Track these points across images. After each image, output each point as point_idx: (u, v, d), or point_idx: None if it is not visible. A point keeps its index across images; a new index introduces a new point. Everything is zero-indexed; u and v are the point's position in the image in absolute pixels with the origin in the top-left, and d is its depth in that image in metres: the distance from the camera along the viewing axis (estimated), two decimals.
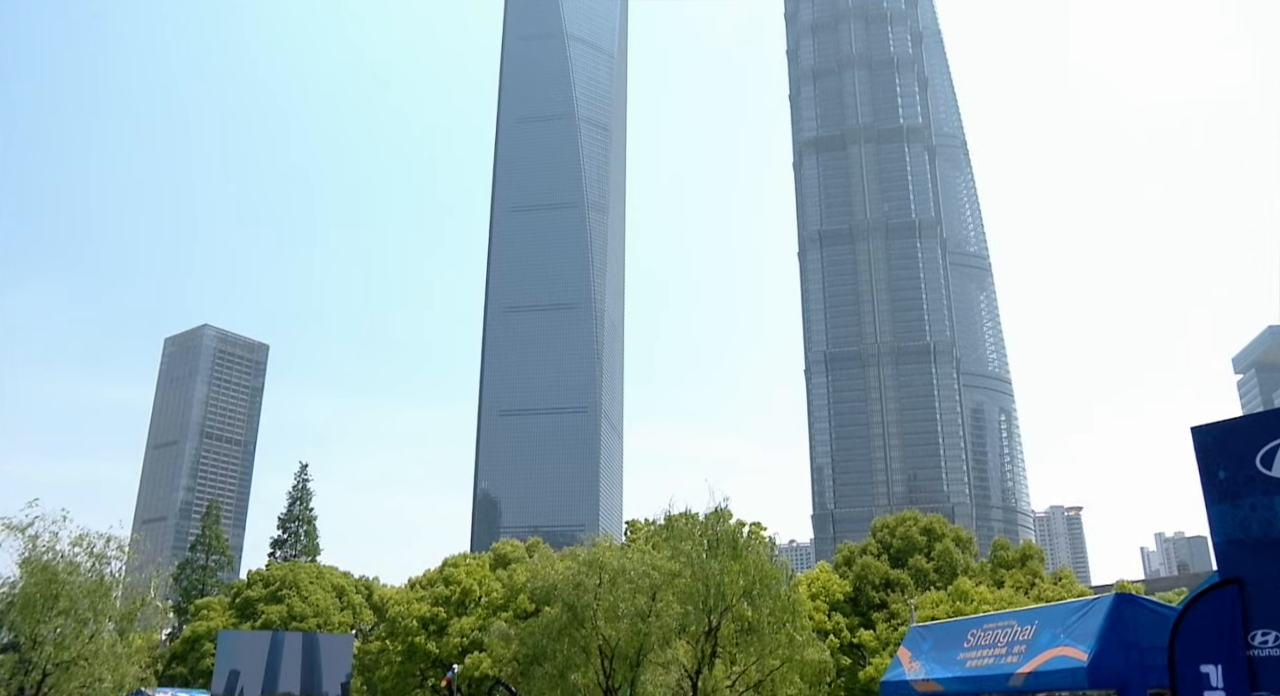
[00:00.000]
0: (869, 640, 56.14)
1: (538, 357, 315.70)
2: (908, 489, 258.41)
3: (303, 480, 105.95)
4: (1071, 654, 11.88)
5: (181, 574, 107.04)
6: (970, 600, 52.00)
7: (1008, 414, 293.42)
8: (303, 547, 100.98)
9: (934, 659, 14.68)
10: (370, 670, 64.70)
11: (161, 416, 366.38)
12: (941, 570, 62.47)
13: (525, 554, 70.32)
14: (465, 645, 60.35)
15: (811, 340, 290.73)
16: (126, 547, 54.23)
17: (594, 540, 46.21)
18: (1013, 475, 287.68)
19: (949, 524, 69.67)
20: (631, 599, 39.61)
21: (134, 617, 53.89)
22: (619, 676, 39.82)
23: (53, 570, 49.12)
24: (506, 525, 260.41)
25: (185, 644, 78.19)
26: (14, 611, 48.91)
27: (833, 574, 64.79)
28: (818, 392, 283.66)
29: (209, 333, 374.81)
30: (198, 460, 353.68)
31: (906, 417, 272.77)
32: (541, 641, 40.93)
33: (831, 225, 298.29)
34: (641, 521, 68.35)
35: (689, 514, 45.30)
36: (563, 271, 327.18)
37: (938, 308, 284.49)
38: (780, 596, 41.70)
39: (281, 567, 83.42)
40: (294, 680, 48.58)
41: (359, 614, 79.51)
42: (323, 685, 49.11)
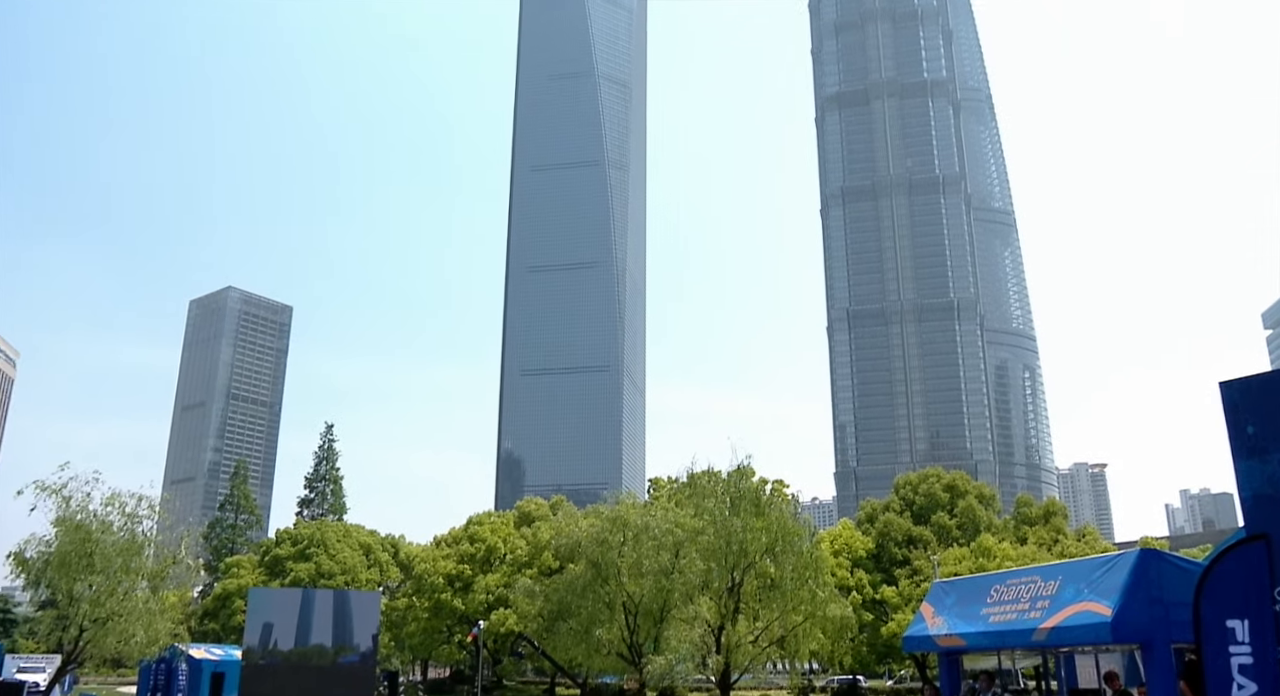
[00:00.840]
0: (891, 596, 56.39)
1: (560, 317, 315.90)
2: (930, 446, 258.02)
3: (329, 440, 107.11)
4: (1095, 609, 11.86)
5: (212, 533, 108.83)
6: (993, 557, 52.07)
7: (1031, 371, 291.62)
8: (329, 507, 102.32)
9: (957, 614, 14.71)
10: (398, 626, 65.70)
11: (188, 378, 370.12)
12: (964, 527, 62.52)
13: (549, 512, 70.92)
14: (491, 601, 61.12)
15: (834, 297, 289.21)
16: (157, 507, 55.16)
17: (617, 498, 46.47)
18: (1036, 432, 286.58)
19: (972, 481, 69.59)
20: (655, 556, 39.91)
21: (166, 575, 54.88)
22: (643, 632, 40.25)
23: (86, 529, 50.06)
24: (530, 483, 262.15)
25: (217, 601, 79.64)
26: (51, 569, 49.97)
27: (855, 531, 64.99)
28: (840, 350, 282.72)
29: (233, 295, 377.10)
30: (225, 421, 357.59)
31: (929, 375, 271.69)
32: (566, 598, 41.38)
33: (854, 181, 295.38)
34: (664, 479, 68.70)
35: (711, 471, 45.44)
36: (584, 230, 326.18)
37: (961, 264, 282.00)
38: (803, 553, 41.87)
39: (309, 526, 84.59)
40: (326, 633, 49.31)
41: (386, 571, 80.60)
42: (354, 639, 49.88)
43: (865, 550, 61.71)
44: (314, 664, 48.10)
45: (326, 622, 49.52)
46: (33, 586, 57.28)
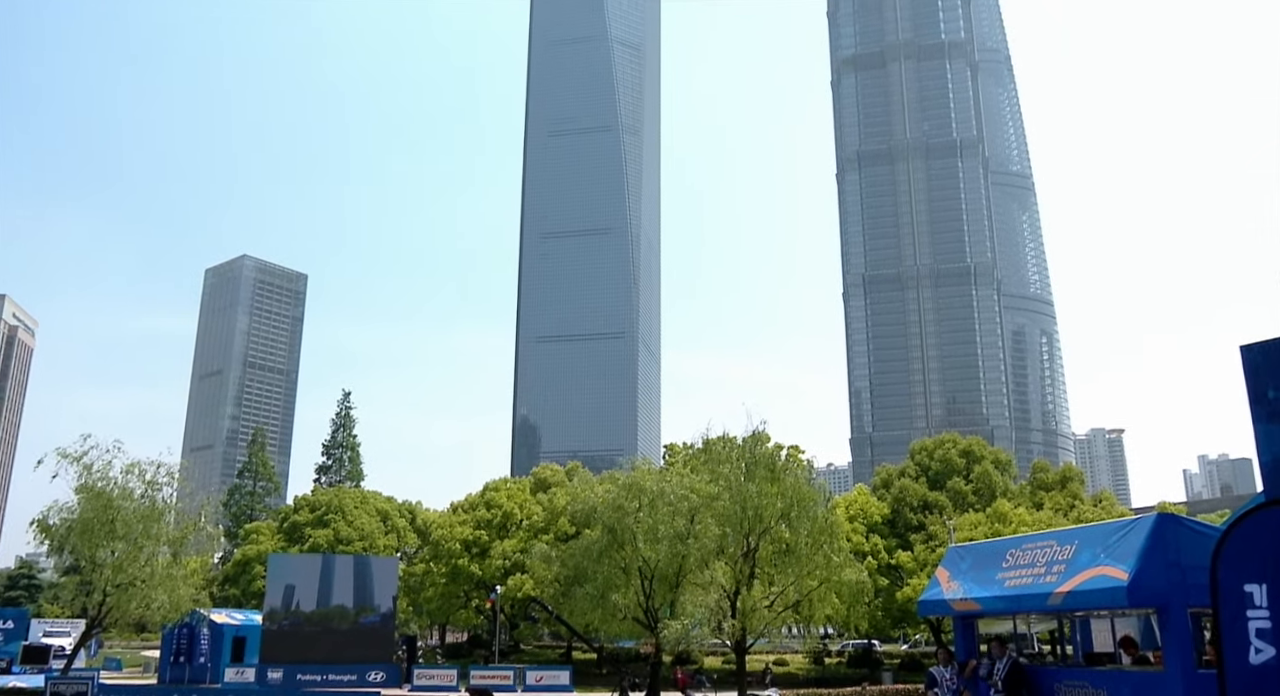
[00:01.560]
0: (907, 561, 56.55)
1: (574, 283, 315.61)
2: (947, 412, 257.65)
3: (345, 407, 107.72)
4: (1111, 573, 11.83)
5: (231, 499, 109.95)
6: (1009, 522, 52.08)
7: (1049, 336, 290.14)
8: (347, 473, 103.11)
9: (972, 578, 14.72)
10: (416, 591, 66.36)
11: (205, 346, 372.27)
12: (980, 492, 62.53)
13: (565, 478, 71.25)
14: (507, 567, 61.62)
15: (850, 263, 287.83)
16: (177, 474, 55.76)
17: (633, 464, 46.62)
18: (1053, 398, 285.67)
19: (988, 446, 69.50)
20: (670, 521, 40.08)
21: (186, 541, 55.60)
22: (659, 596, 40.53)
23: (107, 496, 50.67)
24: (546, 450, 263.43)
25: (237, 566, 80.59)
26: (73, 536, 50.70)
27: (871, 496, 65.09)
28: (856, 316, 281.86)
29: (248, 263, 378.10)
30: (242, 389, 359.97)
31: (946, 341, 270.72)
32: (582, 563, 41.64)
33: (870, 145, 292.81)
34: (680, 445, 68.84)
35: (727, 437, 45.48)
36: (598, 196, 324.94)
37: (979, 228, 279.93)
38: (818, 518, 41.99)
39: (327, 493, 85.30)
40: (347, 595, 50.15)
41: (403, 537, 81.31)
42: (374, 600, 50.75)
43: (880, 515, 61.83)
44: (335, 624, 48.92)
45: (347, 585, 50.43)
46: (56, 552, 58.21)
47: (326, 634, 49.15)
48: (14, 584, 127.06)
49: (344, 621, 49.65)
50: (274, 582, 50.71)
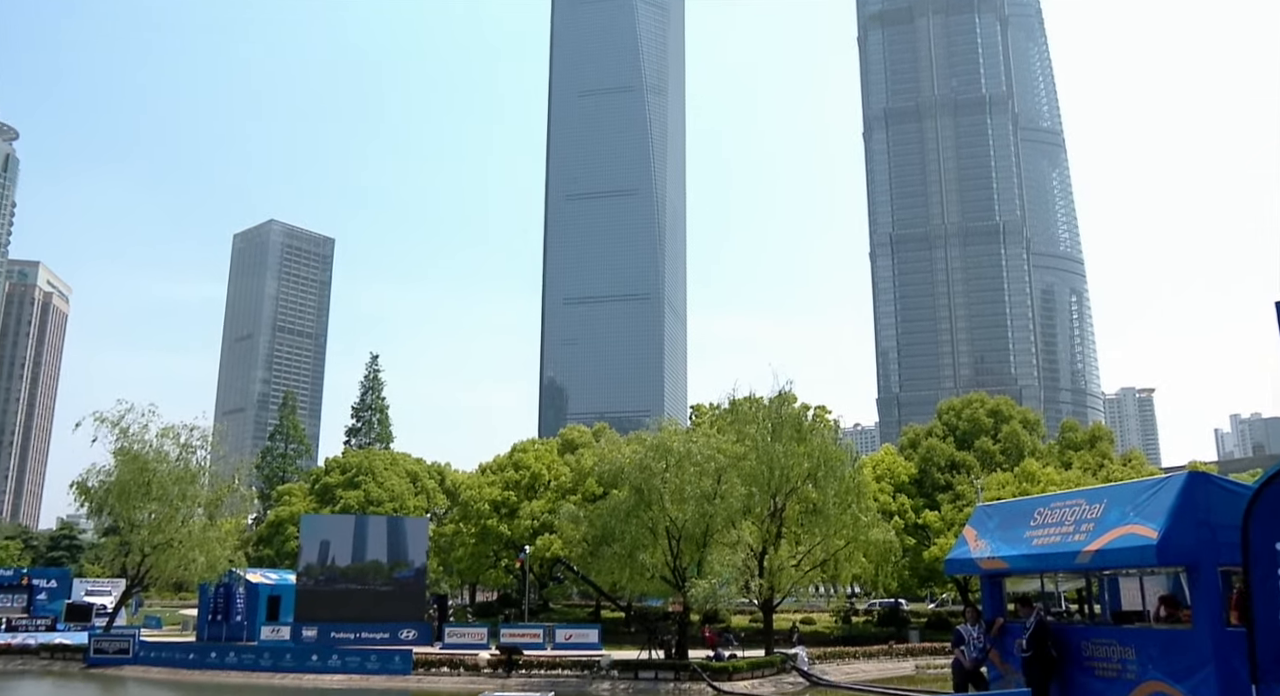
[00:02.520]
0: (934, 521, 56.63)
1: (600, 245, 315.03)
2: (974, 372, 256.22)
3: (374, 370, 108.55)
4: (1141, 532, 11.81)
5: (263, 462, 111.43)
6: (1037, 481, 51.98)
7: (1079, 294, 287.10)
8: (376, 435, 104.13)
9: (1000, 537, 14.73)
10: (446, 551, 67.19)
11: (235, 311, 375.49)
12: (1008, 452, 62.36)
13: (592, 439, 71.64)
14: (536, 527, 62.24)
15: (877, 222, 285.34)
16: (210, 437, 56.69)
17: (659, 425, 46.79)
18: (1083, 357, 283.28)
19: (1016, 406, 69.17)
20: (697, 481, 40.29)
21: (221, 503, 56.67)
22: (686, 556, 40.85)
23: (143, 459, 51.71)
24: (573, 411, 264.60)
25: (270, 527, 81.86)
26: (111, 498, 51.86)
27: (898, 456, 65.07)
28: (883, 275, 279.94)
29: (276, 227, 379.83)
30: (272, 353, 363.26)
31: (974, 300, 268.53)
32: (610, 523, 41.95)
33: (898, 103, 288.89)
34: (706, 406, 68.94)
35: (753, 398, 45.53)
36: (623, 157, 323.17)
37: (1008, 186, 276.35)
38: (845, 478, 42.10)
39: (357, 455, 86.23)
40: (381, 551, 51.10)
41: (433, 498, 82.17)
42: (408, 555, 51.73)
43: (907, 475, 61.84)
44: (370, 579, 49.93)
45: (381, 542, 51.44)
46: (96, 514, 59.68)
47: (359, 593, 49.97)
48: (56, 544, 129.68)
49: (379, 576, 50.53)
50: (309, 541, 51.60)
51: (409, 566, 51.90)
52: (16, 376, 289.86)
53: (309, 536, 52.04)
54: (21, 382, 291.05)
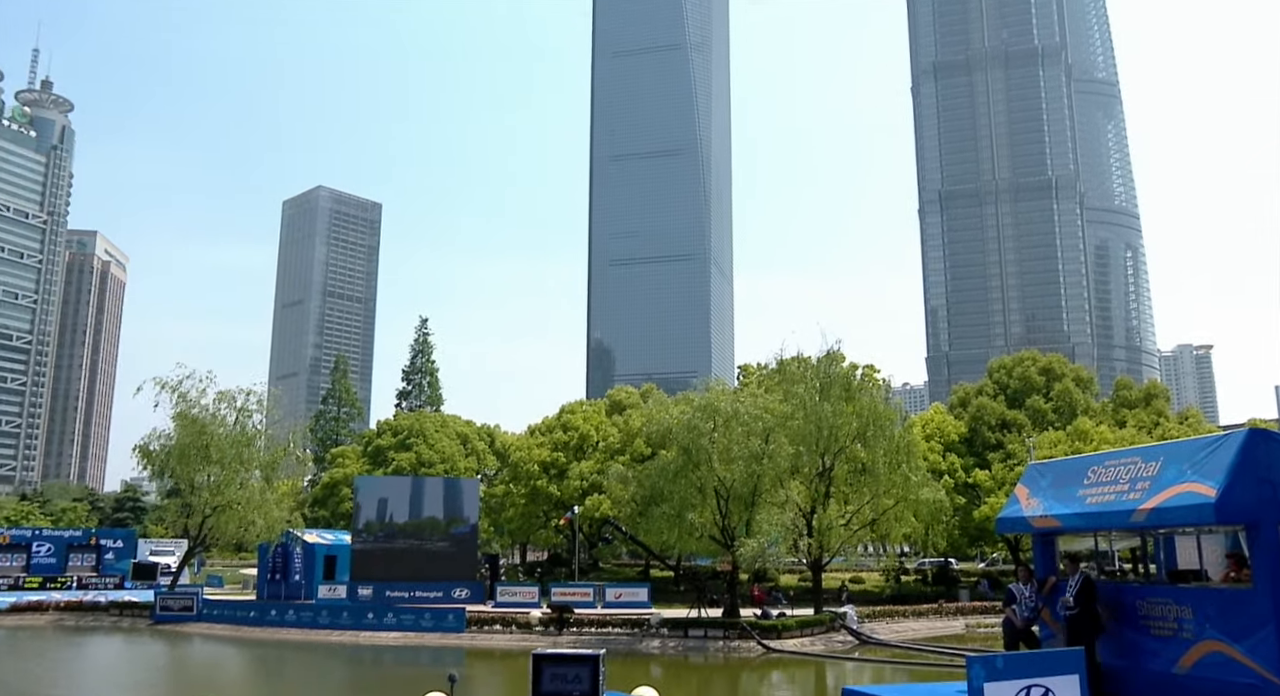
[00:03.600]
0: (984, 480, 56.23)
1: (645, 206, 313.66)
2: (1026, 329, 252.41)
3: (423, 334, 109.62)
4: (1198, 490, 11.61)
5: (316, 425, 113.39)
6: (1090, 440, 51.34)
7: (1134, 249, 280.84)
8: (426, 398, 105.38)
9: (1052, 496, 14.57)
10: (496, 512, 68.10)
11: (286, 277, 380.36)
12: (1060, 410, 61.60)
13: (640, 400, 71.90)
14: (585, 487, 62.79)
15: (926, 178, 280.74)
16: (265, 402, 57.88)
17: (707, 385, 46.81)
18: (1138, 313, 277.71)
19: (1069, 364, 68.20)
20: (745, 441, 40.35)
21: (277, 466, 57.89)
22: (735, 515, 41.02)
23: (201, 423, 53.01)
24: (620, 373, 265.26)
25: (325, 489, 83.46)
26: (172, 461, 53.31)
27: (947, 415, 64.58)
28: (932, 232, 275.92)
29: (323, 194, 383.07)
30: (323, 318, 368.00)
31: (1025, 256, 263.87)
32: (658, 483, 42.21)
33: (947, 55, 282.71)
34: (754, 366, 68.89)
35: (801, 358, 45.39)
36: (667, 117, 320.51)
37: (1061, 139, 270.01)
38: (894, 437, 41.94)
39: (408, 417, 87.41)
40: (437, 508, 52.13)
41: (483, 460, 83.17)
42: (463, 512, 52.78)
43: (958, 434, 61.38)
44: (427, 535, 51.01)
45: (437, 500, 52.53)
46: (158, 477, 61.34)
47: (413, 553, 50.92)
48: (120, 506, 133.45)
49: (436, 532, 51.53)
50: (366, 501, 52.63)
51: (465, 522, 53.08)
52: (79, 344, 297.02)
53: (366, 496, 53.09)
54: (84, 350, 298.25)
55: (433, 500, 52.69)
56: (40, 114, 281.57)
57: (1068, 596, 13.57)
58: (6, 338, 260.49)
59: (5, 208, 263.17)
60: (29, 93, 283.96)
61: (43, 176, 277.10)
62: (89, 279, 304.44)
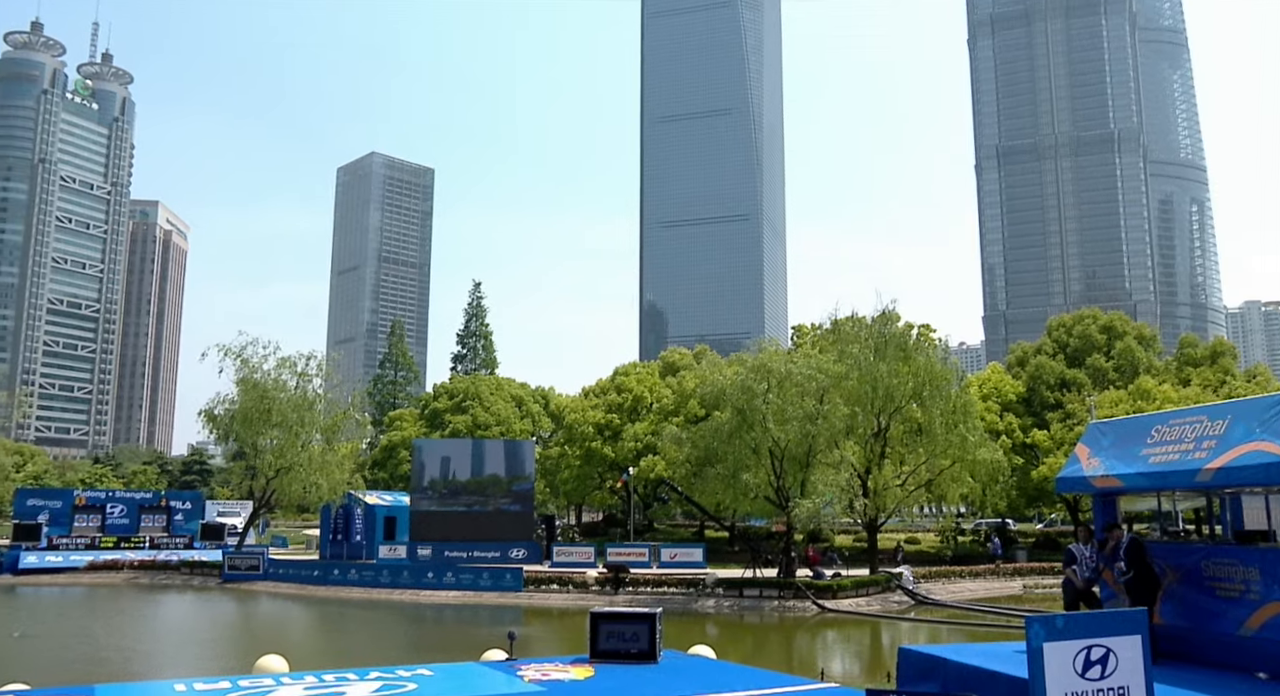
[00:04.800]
0: (1043, 440, 55.51)
1: (696, 166, 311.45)
2: (1086, 287, 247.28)
3: (477, 298, 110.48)
4: (1268, 449, 11.35)
5: (374, 389, 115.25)
6: (1152, 399, 50.36)
7: (1200, 204, 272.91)
8: (481, 361, 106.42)
9: (1114, 455, 14.34)
10: (552, 473, 68.78)
11: (342, 243, 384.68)
12: (1122, 369, 60.41)
13: (693, 361, 71.91)
14: (639, 449, 63.12)
15: (983, 134, 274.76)
16: (324, 366, 59.02)
17: (760, 346, 46.68)
18: (1203, 269, 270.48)
19: (1131, 322, 66.77)
20: (799, 402, 40.24)
21: (337, 429, 59.08)
22: (789, 476, 41.02)
23: (263, 388, 54.26)
24: (673, 334, 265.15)
25: (383, 452, 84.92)
26: (236, 424, 54.73)
27: (1005, 374, 63.72)
28: (989, 189, 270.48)
29: (377, 160, 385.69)
30: (379, 283, 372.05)
31: (1086, 212, 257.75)
32: (713, 444, 42.32)
33: (1004, 6, 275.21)
34: (808, 326, 68.45)
35: (855, 317, 45.04)
36: (717, 76, 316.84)
37: (1124, 91, 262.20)
38: (951, 397, 41.56)
39: (464, 380, 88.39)
40: (499, 467, 52.89)
41: (538, 422, 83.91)
42: (525, 470, 53.70)
43: (1015, 394, 60.55)
44: (489, 492, 51.93)
45: (494, 462, 53.32)
46: (223, 440, 63.04)
47: (471, 514, 51.73)
48: (188, 469, 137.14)
49: (498, 490, 52.33)
50: (430, 460, 53.58)
51: (526, 479, 53.97)
52: (144, 311, 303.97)
53: (430, 456, 54.04)
54: (149, 317, 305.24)
55: (490, 461, 53.43)
56: (102, 87, 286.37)
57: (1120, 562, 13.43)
58: (76, 306, 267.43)
59: (71, 179, 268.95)
60: (90, 66, 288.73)
61: (105, 148, 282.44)
62: (152, 248, 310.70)
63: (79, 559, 52.83)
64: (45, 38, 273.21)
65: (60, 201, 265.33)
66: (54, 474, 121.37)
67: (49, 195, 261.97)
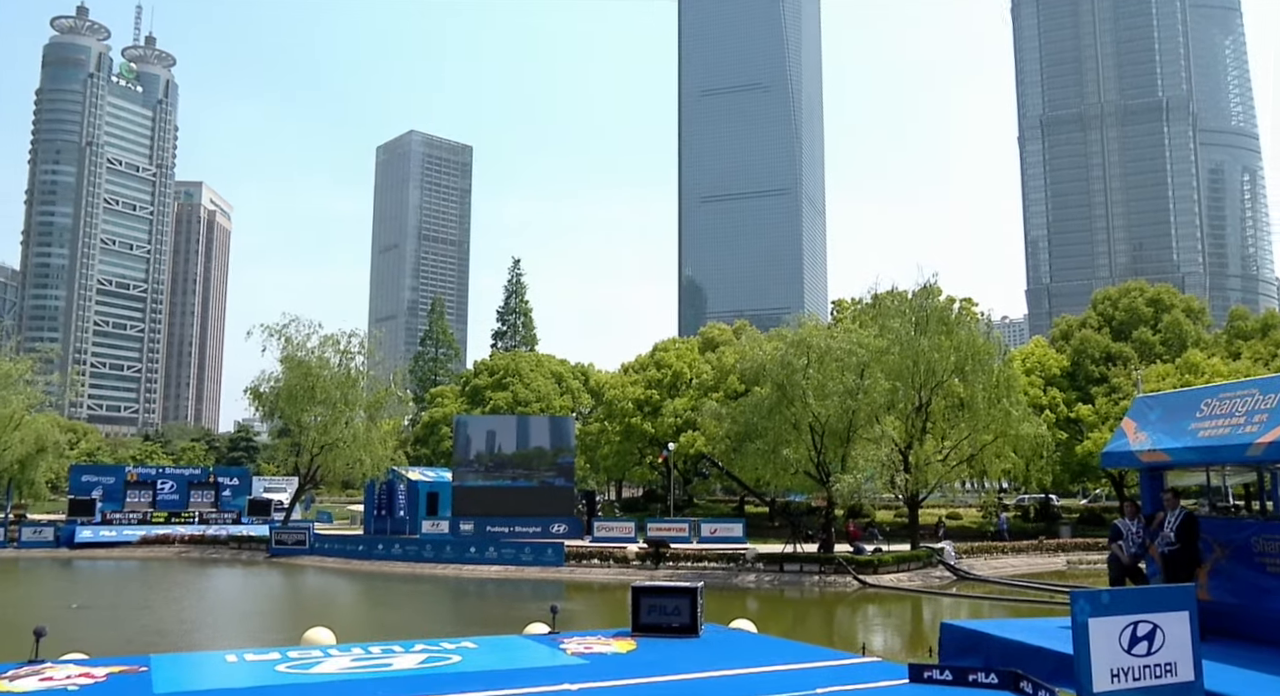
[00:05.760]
0: (1087, 414, 54.82)
1: (735, 141, 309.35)
2: (1132, 260, 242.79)
3: (516, 275, 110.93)
4: None
5: (416, 366, 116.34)
6: (1201, 373, 49.50)
7: (1252, 173, 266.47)
8: (521, 338, 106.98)
9: (1162, 429, 14.13)
10: (592, 449, 69.12)
11: (382, 221, 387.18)
12: (1169, 342, 59.41)
13: (732, 337, 71.76)
14: (679, 424, 63.22)
15: (1026, 104, 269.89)
16: (367, 344, 59.69)
17: (800, 321, 46.46)
18: (1255, 240, 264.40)
19: (1179, 294, 65.58)
20: (840, 376, 40.07)
21: (380, 406, 59.81)
22: (830, 451, 40.89)
23: (307, 366, 55.01)
24: (712, 310, 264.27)
25: (425, 428, 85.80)
26: (281, 401, 55.60)
27: (1049, 348, 62.94)
28: (1032, 160, 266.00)
29: (415, 138, 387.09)
30: (419, 261, 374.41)
31: (1132, 183, 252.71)
32: (752, 419, 42.30)
33: None
34: (847, 300, 68.02)
35: (896, 291, 44.66)
36: (756, 49, 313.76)
37: (1173, 57, 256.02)
38: (993, 372, 41.15)
39: (504, 357, 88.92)
40: (544, 440, 53.39)
41: (577, 398, 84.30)
42: (569, 443, 54.27)
43: (1059, 368, 59.81)
44: (534, 465, 52.54)
45: (535, 437, 53.82)
46: (268, 417, 64.04)
47: (512, 489, 52.18)
48: (235, 445, 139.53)
49: (543, 462, 52.86)
50: (476, 434, 54.19)
51: (570, 452, 54.45)
52: (190, 292, 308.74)
53: (474, 432, 54.59)
54: (195, 297, 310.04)
55: (530, 437, 53.87)
56: (145, 69, 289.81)
57: (1168, 531, 13.25)
58: (124, 287, 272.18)
59: (118, 162, 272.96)
60: (134, 49, 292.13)
61: (150, 130, 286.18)
62: (197, 228, 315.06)
63: (132, 533, 54.09)
64: (90, 22, 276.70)
65: (108, 184, 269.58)
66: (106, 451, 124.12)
67: (97, 178, 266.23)
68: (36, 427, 59.65)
